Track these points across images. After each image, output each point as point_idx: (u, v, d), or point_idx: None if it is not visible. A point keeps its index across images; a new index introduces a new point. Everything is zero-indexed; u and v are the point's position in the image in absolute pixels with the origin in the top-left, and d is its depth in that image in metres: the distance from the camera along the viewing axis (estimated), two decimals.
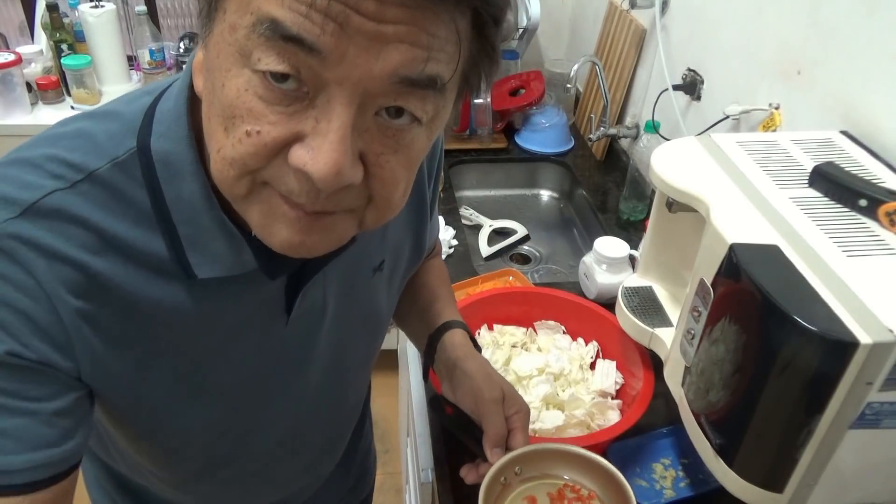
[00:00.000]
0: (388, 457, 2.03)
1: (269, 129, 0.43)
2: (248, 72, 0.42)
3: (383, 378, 0.99)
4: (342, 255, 0.60)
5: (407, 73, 0.42)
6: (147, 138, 0.51)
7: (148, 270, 0.52)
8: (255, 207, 0.47)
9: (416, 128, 0.46)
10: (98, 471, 0.79)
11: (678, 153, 0.79)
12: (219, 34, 0.44)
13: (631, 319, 0.89)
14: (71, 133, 0.52)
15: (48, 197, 0.48)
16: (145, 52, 2.12)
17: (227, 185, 0.46)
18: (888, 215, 0.65)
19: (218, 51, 0.44)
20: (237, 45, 0.42)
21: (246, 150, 0.43)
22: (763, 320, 0.58)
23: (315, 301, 0.63)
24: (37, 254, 0.48)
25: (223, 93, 0.43)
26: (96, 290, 0.50)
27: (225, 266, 0.54)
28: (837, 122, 0.91)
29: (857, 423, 0.58)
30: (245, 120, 0.43)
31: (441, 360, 0.81)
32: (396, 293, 0.78)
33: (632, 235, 1.41)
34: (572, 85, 1.57)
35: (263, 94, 0.42)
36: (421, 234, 0.77)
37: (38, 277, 0.48)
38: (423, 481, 0.99)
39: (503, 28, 0.47)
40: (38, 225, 0.48)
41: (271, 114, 0.43)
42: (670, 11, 1.42)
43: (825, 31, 0.94)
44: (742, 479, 0.64)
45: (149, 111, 0.53)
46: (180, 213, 0.52)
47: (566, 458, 0.73)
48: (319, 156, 0.42)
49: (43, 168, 0.49)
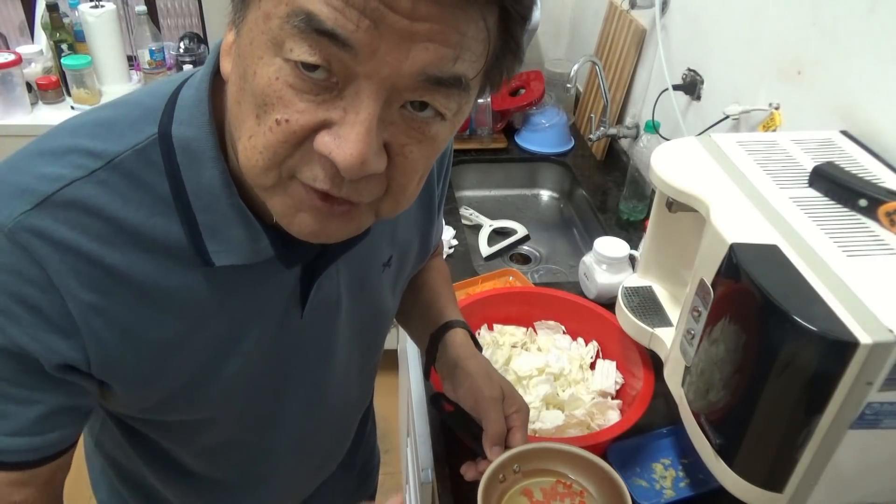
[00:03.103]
0: (388, 457, 2.02)
1: (298, 116, 0.44)
2: (279, 60, 0.43)
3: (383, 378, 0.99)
4: (355, 248, 0.61)
5: (435, 73, 0.43)
6: (168, 125, 0.52)
7: (165, 258, 0.52)
8: (279, 198, 0.48)
9: (439, 121, 0.47)
10: (107, 469, 0.79)
11: (678, 153, 0.79)
12: (252, 21, 0.44)
13: (631, 319, 0.89)
14: (92, 121, 0.53)
15: (66, 189, 0.49)
16: (145, 52, 2.12)
17: (255, 175, 0.47)
18: (888, 215, 0.65)
19: (251, 38, 0.44)
20: (270, 34, 0.43)
21: (276, 139, 0.44)
22: (763, 320, 0.58)
23: (329, 293, 0.64)
24: (51, 248, 0.48)
25: (255, 80, 0.44)
26: (111, 282, 0.50)
27: (242, 254, 0.54)
28: (837, 122, 0.91)
29: (857, 423, 0.58)
30: (276, 108, 0.44)
31: (442, 359, 0.81)
32: (400, 291, 0.78)
33: (632, 235, 1.41)
34: (572, 85, 1.57)
35: (294, 83, 0.43)
36: (428, 234, 0.77)
37: (50, 271, 0.48)
38: (423, 481, 0.99)
39: (529, 26, 0.47)
40: (53, 217, 0.48)
41: (300, 102, 0.43)
42: (670, 11, 1.42)
43: (825, 31, 0.94)
44: (742, 479, 0.64)
45: (171, 98, 0.53)
46: (199, 201, 0.52)
47: (564, 457, 0.74)
48: (345, 145, 0.43)
49: (63, 158, 0.50)
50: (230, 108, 0.48)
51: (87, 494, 0.82)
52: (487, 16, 0.43)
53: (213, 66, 0.52)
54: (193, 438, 0.65)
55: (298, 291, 0.61)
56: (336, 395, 0.73)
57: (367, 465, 1.05)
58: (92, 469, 0.83)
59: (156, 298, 0.53)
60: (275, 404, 0.67)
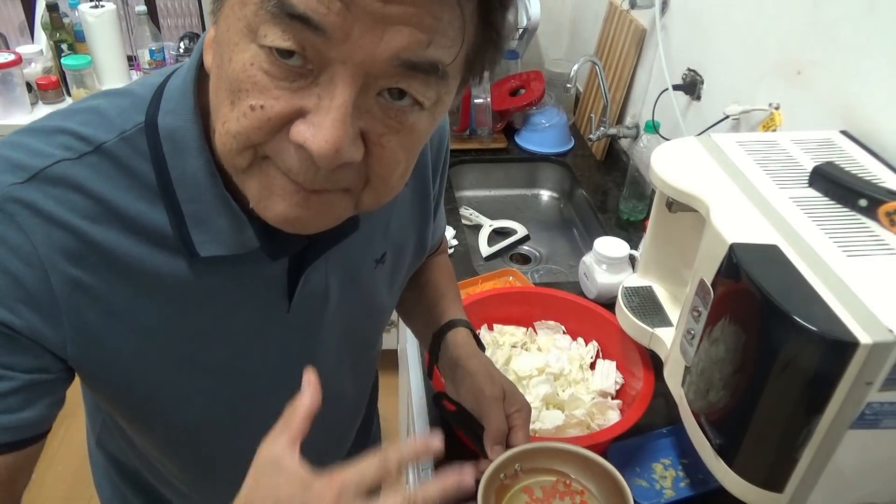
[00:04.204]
0: None
1: (273, 103, 0.44)
2: (254, 46, 0.43)
3: (383, 378, 0.99)
4: (344, 242, 0.60)
5: (409, 57, 0.42)
6: (155, 114, 0.52)
7: (150, 243, 0.53)
8: (254, 180, 0.48)
9: (417, 111, 0.47)
10: (110, 469, 0.79)
11: (678, 153, 0.79)
12: (229, 8, 0.44)
13: (631, 319, 0.89)
14: (85, 109, 0.54)
15: (55, 165, 0.49)
16: (145, 52, 2.12)
17: (230, 157, 0.47)
18: (888, 215, 0.65)
19: (227, 25, 0.44)
20: (245, 20, 0.43)
21: (250, 124, 0.44)
22: (763, 320, 0.58)
23: (317, 287, 0.64)
24: (38, 219, 0.49)
25: (230, 66, 0.44)
26: (95, 258, 0.51)
27: (227, 245, 0.54)
28: (837, 122, 0.91)
29: (857, 423, 0.58)
30: (250, 94, 0.44)
31: (444, 358, 0.81)
32: (398, 289, 0.78)
33: (632, 235, 1.41)
34: (572, 85, 1.57)
35: (269, 69, 0.43)
36: (424, 232, 0.77)
37: (36, 242, 0.48)
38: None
39: (509, 15, 0.47)
40: (41, 191, 0.49)
41: (275, 89, 0.43)
42: (670, 11, 1.42)
43: (825, 31, 0.94)
44: (742, 479, 0.64)
45: (159, 89, 0.54)
46: (185, 190, 0.52)
47: (566, 456, 0.74)
48: (320, 132, 0.43)
49: (54, 139, 0.51)
50: (211, 98, 0.49)
51: (87, 495, 0.82)
52: (464, 1, 0.43)
53: (199, 58, 0.53)
54: (176, 432, 0.65)
55: (286, 284, 0.61)
56: (326, 387, 0.72)
57: None
58: (95, 469, 0.83)
59: (140, 281, 0.53)
60: (261, 397, 0.66)
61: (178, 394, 0.60)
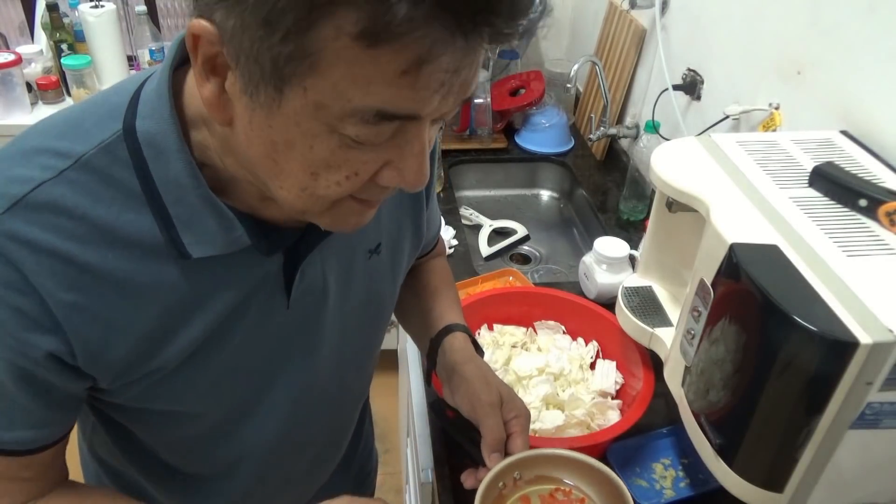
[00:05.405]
0: (388, 457, 2.02)
1: (363, 167, 0.48)
2: (338, 135, 0.45)
3: (383, 378, 0.99)
4: (336, 234, 0.61)
5: None
6: (132, 120, 0.52)
7: (141, 253, 0.53)
8: (327, 216, 0.53)
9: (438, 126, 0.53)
10: (101, 475, 0.79)
11: (678, 153, 0.79)
12: (300, 108, 0.44)
13: (631, 319, 0.89)
14: (61, 121, 0.54)
15: (36, 190, 0.49)
16: (145, 52, 2.12)
17: (309, 214, 0.52)
18: (888, 215, 0.65)
19: (297, 120, 0.45)
20: (326, 121, 0.45)
21: (344, 190, 0.49)
22: (763, 320, 0.58)
23: (314, 281, 0.64)
24: (25, 250, 0.49)
25: (312, 153, 0.46)
26: (88, 280, 0.51)
27: (217, 244, 0.55)
28: (837, 122, 0.91)
29: (857, 423, 0.58)
30: (342, 168, 0.47)
31: (442, 363, 0.81)
32: (400, 278, 0.78)
33: (632, 235, 1.41)
34: (572, 85, 1.57)
35: (359, 135, 0.45)
36: (419, 219, 0.77)
37: (27, 272, 0.49)
38: (423, 481, 0.99)
39: None
40: (26, 220, 0.49)
41: (364, 154, 0.47)
42: (670, 11, 1.42)
43: (825, 31, 0.94)
44: (742, 479, 0.64)
45: (135, 94, 0.53)
46: (169, 193, 0.52)
47: (565, 463, 0.73)
48: (409, 174, 0.49)
49: (32, 160, 0.51)
50: (260, 160, 0.49)
51: None
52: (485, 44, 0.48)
53: (172, 60, 0.53)
54: (178, 431, 0.65)
55: (282, 280, 0.61)
56: (329, 383, 0.72)
57: (365, 467, 1.04)
58: (87, 473, 0.82)
59: (135, 293, 0.53)
60: (263, 394, 0.66)
61: (182, 395, 0.60)
